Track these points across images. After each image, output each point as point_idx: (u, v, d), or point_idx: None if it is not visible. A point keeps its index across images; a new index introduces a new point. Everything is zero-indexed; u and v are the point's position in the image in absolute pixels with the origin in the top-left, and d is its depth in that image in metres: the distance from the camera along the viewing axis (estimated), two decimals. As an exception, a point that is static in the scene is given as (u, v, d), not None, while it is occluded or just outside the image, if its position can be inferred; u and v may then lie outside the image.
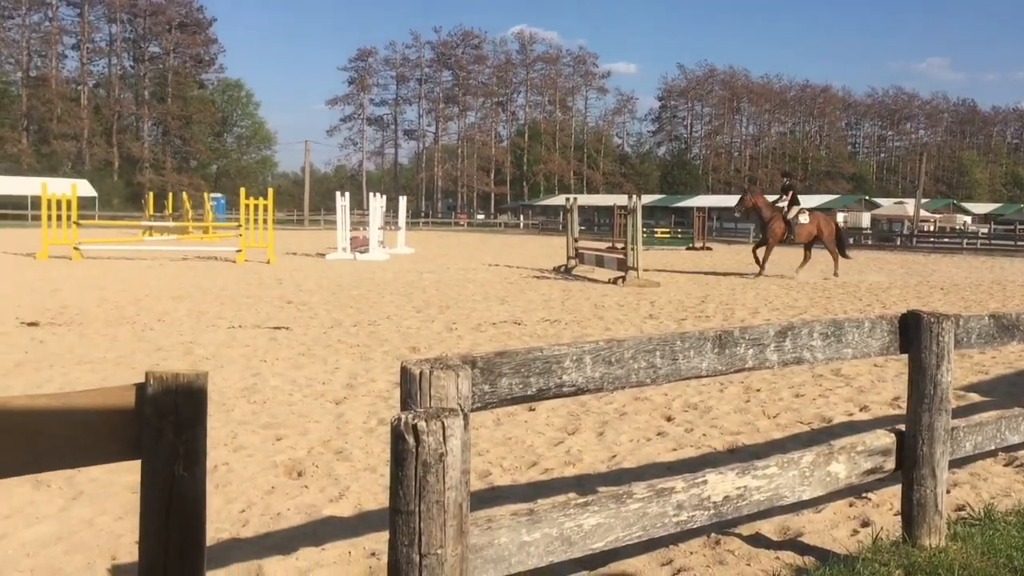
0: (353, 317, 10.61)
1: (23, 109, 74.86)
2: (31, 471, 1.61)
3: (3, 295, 12.19)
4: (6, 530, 3.46)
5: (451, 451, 1.54)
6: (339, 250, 24.39)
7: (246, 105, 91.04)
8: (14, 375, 6.58)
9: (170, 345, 8.22)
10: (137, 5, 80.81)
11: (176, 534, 1.58)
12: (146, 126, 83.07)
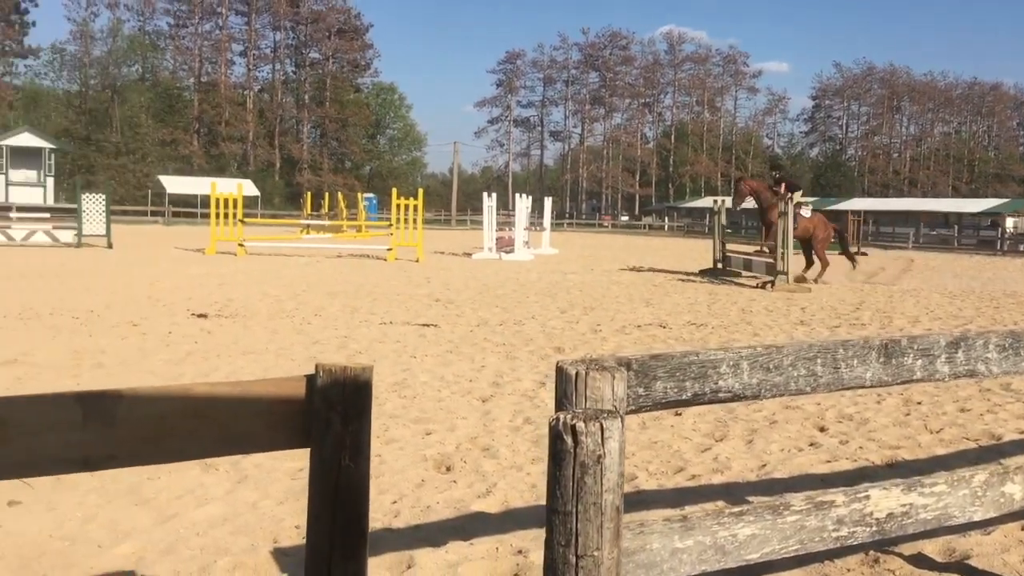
0: (499, 316, 10.74)
1: (195, 113, 79.57)
2: (211, 455, 1.71)
3: (176, 288, 13.01)
4: (178, 509, 3.69)
5: (609, 453, 1.54)
6: (485, 250, 24.76)
7: (399, 108, 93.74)
8: (186, 363, 7.01)
9: (326, 339, 8.55)
10: (299, 13, 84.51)
11: (341, 520, 1.65)
12: (305, 129, 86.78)
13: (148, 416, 1.60)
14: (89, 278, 14.23)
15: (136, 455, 1.61)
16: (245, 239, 22.83)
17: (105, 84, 74.83)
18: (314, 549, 1.65)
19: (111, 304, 10.69)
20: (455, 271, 18.75)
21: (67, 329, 8.59)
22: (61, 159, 52.75)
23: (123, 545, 3.28)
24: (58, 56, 76.53)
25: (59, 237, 23.76)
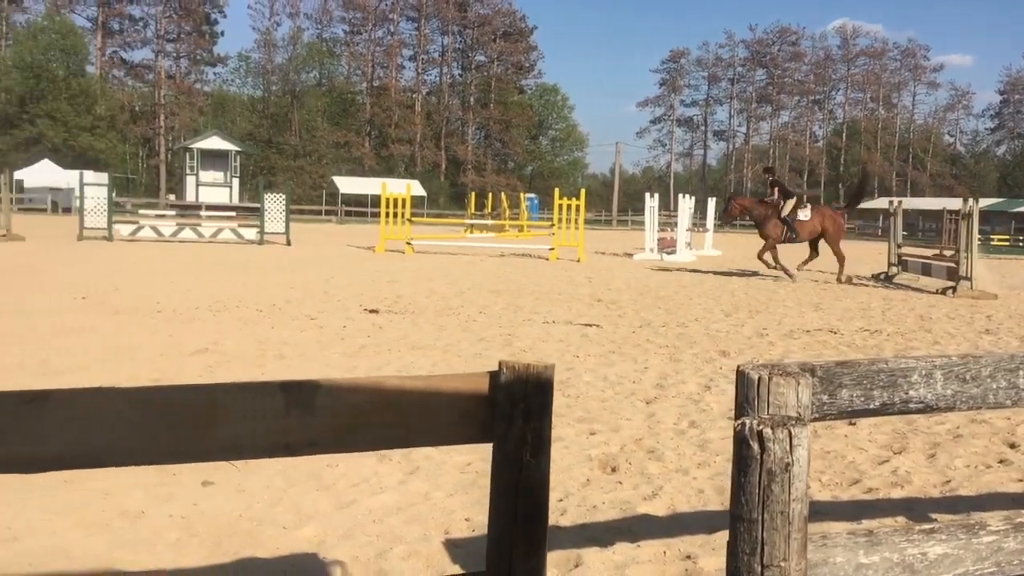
0: (661, 318, 10.63)
1: (367, 116, 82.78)
2: (401, 445, 1.78)
3: (349, 284, 13.58)
4: (356, 497, 3.86)
5: (797, 461, 1.50)
6: (646, 250, 24.54)
7: (561, 109, 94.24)
8: (359, 356, 7.31)
9: (491, 336, 8.71)
10: (467, 17, 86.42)
11: (522, 516, 1.68)
12: (470, 130, 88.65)
13: (344, 406, 1.68)
14: (271, 274, 15.07)
15: (333, 443, 1.69)
16: (412, 238, 23.56)
17: (285, 89, 78.97)
18: (495, 542, 1.69)
19: (290, 299, 11.27)
20: (616, 271, 18.68)
21: (252, 321, 9.13)
22: (245, 161, 56.06)
23: (306, 528, 3.46)
24: (244, 64, 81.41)
25: (243, 234, 25.26)
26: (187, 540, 3.31)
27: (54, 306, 9.62)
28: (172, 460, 1.63)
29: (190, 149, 45.65)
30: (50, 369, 6.28)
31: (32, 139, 62.79)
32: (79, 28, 71.71)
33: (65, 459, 1.55)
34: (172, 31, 78.66)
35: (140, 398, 1.59)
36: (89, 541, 3.27)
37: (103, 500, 3.70)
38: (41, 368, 6.31)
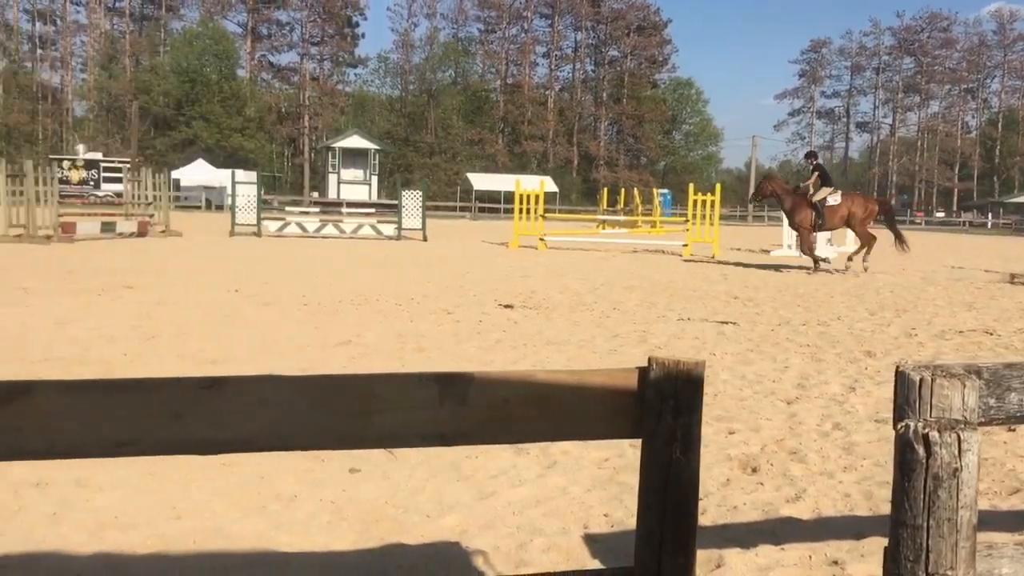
0: (801, 316, 10.33)
1: (500, 113, 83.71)
2: (550, 439, 1.80)
3: (484, 280, 13.78)
4: (495, 489, 3.92)
5: (966, 467, 1.44)
6: (784, 247, 23.86)
7: (695, 103, 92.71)
8: (495, 351, 7.41)
9: (625, 333, 8.67)
10: (600, 12, 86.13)
11: (671, 511, 1.68)
12: (602, 126, 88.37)
13: (496, 399, 1.71)
14: (408, 269, 15.45)
15: (485, 435, 1.73)
16: (545, 234, 23.68)
17: (422, 89, 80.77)
18: (644, 538, 1.69)
19: (427, 293, 11.53)
20: (753, 268, 18.25)
21: (391, 314, 9.39)
22: (384, 159, 57.69)
23: (448, 517, 3.55)
24: (383, 64, 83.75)
25: (382, 230, 25.99)
26: (337, 523, 3.45)
27: (210, 298, 10.16)
28: (335, 446, 1.71)
29: (332, 148, 47.32)
30: (207, 358, 6.64)
31: (188, 140, 66.47)
32: (231, 34, 75.40)
33: (239, 442, 1.64)
34: (316, 34, 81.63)
35: (307, 386, 1.67)
36: (247, 522, 3.45)
37: (258, 483, 3.89)
38: (199, 357, 6.68)
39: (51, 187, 19.40)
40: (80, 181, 48.90)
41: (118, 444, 1.61)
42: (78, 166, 50.30)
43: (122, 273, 12.73)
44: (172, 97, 68.77)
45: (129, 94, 68.66)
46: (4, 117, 66.15)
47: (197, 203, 51.89)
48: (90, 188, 48.52)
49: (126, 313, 8.79)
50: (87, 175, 50.07)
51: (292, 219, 26.35)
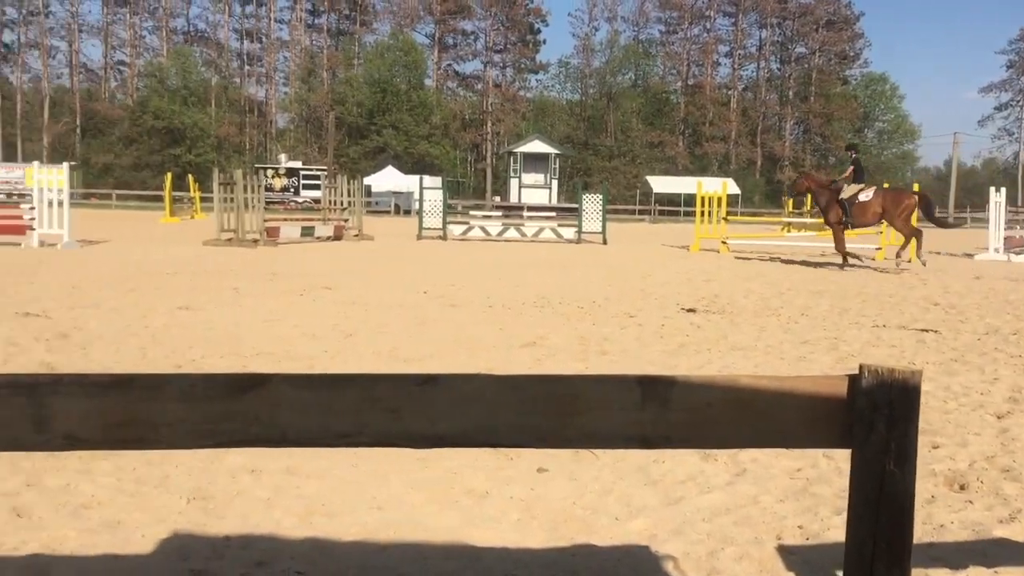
0: (1011, 324, 9.60)
1: (681, 115, 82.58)
2: (752, 446, 1.78)
3: (665, 283, 13.65)
4: (683, 494, 3.89)
5: None
6: (990, 250, 22.24)
7: (890, 99, 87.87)
8: (679, 355, 7.33)
9: (815, 339, 8.36)
10: (787, 8, 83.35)
11: (884, 525, 1.62)
12: (788, 125, 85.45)
13: (698, 403, 1.71)
14: (589, 271, 15.52)
15: (687, 438, 1.74)
16: (727, 237, 23.15)
17: (602, 92, 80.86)
18: (856, 550, 1.65)
19: (609, 296, 11.54)
20: (953, 273, 17.11)
21: (574, 317, 9.47)
22: (564, 163, 58.16)
23: (636, 521, 3.55)
24: (563, 69, 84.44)
25: (562, 234, 26.22)
26: (527, 521, 3.53)
27: (401, 299, 10.59)
28: (539, 444, 1.76)
29: (514, 153, 48.16)
30: (400, 356, 6.93)
31: (379, 148, 69.54)
32: (419, 45, 78.21)
33: (450, 437, 1.72)
34: (499, 42, 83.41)
35: (513, 384, 1.73)
36: (441, 515, 3.58)
37: (451, 479, 4.03)
38: (392, 355, 6.98)
39: (258, 194, 20.79)
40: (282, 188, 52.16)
41: (340, 435, 1.73)
42: (280, 174, 53.67)
43: (321, 275, 13.48)
44: (365, 107, 72.10)
45: (326, 105, 72.58)
46: (216, 129, 71.47)
47: (387, 208, 54.11)
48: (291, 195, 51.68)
49: (325, 312, 9.31)
50: (288, 182, 53.35)
51: (475, 223, 27.04)
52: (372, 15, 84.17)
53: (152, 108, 68.88)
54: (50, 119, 73.45)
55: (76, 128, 73.26)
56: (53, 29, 77.55)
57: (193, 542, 3.25)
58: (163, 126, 67.89)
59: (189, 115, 68.79)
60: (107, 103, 75.55)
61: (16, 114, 73.82)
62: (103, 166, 68.15)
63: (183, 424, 1.70)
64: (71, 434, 1.66)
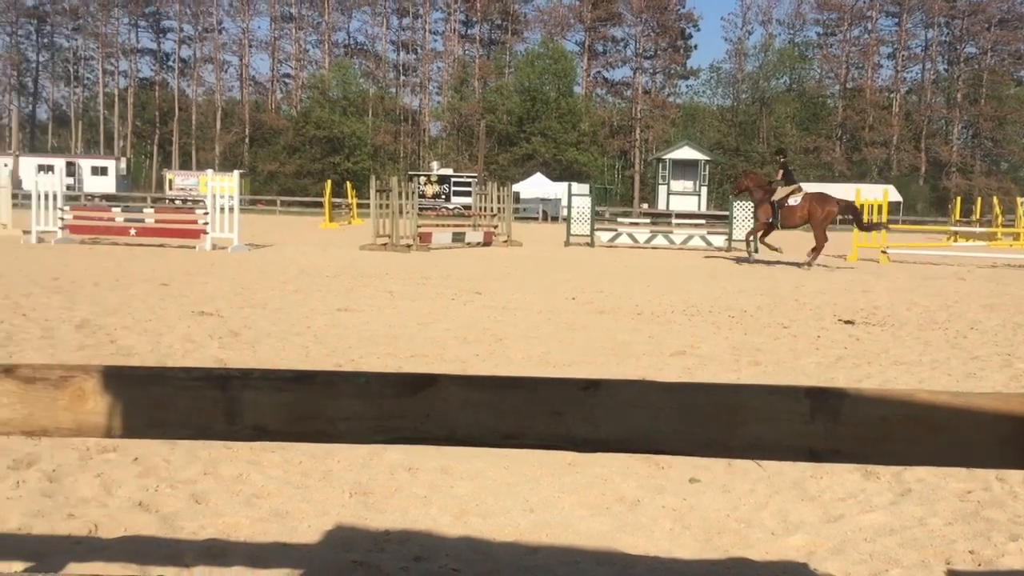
0: None
1: (838, 119, 79.59)
2: (931, 463, 1.71)
3: (819, 292, 13.18)
4: (843, 512, 3.75)
5: None
6: None
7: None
8: (836, 367, 7.08)
9: (985, 355, 7.89)
10: (955, 7, 79.04)
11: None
12: (956, 129, 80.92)
13: (870, 417, 1.66)
14: (740, 280, 15.17)
15: (858, 453, 1.68)
16: (888, 246, 22.14)
17: (755, 97, 78.96)
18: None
19: (761, 305, 11.26)
20: None
21: (724, 326, 9.29)
22: (713, 169, 57.10)
23: (794, 536, 3.46)
24: (714, 75, 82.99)
25: (712, 241, 25.75)
26: (680, 531, 3.49)
27: (550, 305, 10.68)
28: (701, 453, 1.74)
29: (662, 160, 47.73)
30: (550, 361, 6.99)
31: (527, 155, 70.30)
32: (569, 52, 78.59)
33: (612, 442, 1.73)
34: (650, 48, 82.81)
35: (675, 391, 1.73)
36: (592, 520, 3.60)
37: (602, 485, 4.04)
38: (543, 359, 7.05)
39: (411, 201, 21.42)
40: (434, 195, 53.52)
41: (505, 436, 1.77)
42: (432, 181, 55.08)
43: (471, 280, 13.76)
44: (514, 115, 73.02)
45: (477, 114, 74.00)
46: (372, 138, 74.06)
47: (535, 214, 54.63)
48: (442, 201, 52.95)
49: (476, 317, 9.50)
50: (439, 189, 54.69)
51: (623, 230, 26.91)
52: (523, 24, 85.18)
53: (314, 118, 72.06)
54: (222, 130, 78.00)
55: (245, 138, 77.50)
56: (225, 45, 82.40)
57: (355, 535, 3.39)
58: (324, 135, 70.89)
59: (348, 124, 71.55)
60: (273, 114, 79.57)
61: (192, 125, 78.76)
62: (268, 174, 71.82)
63: (359, 420, 1.78)
64: (259, 425, 1.77)
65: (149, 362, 6.38)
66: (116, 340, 7.35)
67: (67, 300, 9.79)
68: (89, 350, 6.86)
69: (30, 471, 3.96)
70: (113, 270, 13.53)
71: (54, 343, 7.13)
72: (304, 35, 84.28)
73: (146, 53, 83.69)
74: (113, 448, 4.24)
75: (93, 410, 1.80)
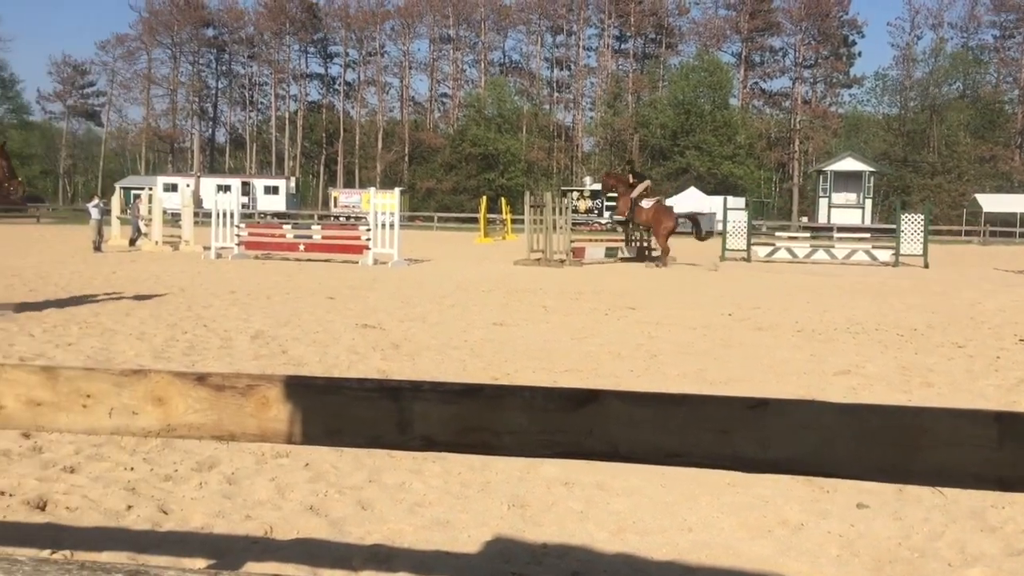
0: None
1: (1017, 127, 74.60)
2: None
3: (999, 311, 12.35)
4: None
5: None
6: None
7: None
8: (1018, 391, 6.61)
9: None
10: None
11: None
12: None
13: (1068, 445, 1.55)
14: (908, 297, 14.44)
15: (1053, 483, 1.58)
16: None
17: (924, 105, 75.12)
18: None
19: (932, 323, 10.67)
20: None
21: (892, 345, 8.86)
22: (879, 181, 54.64)
23: (972, 569, 3.26)
24: (880, 82, 79.48)
25: (877, 256, 24.63)
26: (848, 558, 3.35)
27: (705, 320, 10.49)
28: (878, 478, 1.68)
29: (823, 172, 46.05)
30: (706, 379, 6.87)
31: (681, 169, 69.43)
32: (725, 64, 77.19)
33: (781, 463, 1.69)
34: (810, 57, 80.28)
35: (849, 413, 1.67)
36: (754, 543, 3.51)
37: (763, 507, 3.93)
38: (699, 376, 6.94)
39: (565, 216, 21.54)
40: (586, 210, 53.59)
41: (669, 454, 1.76)
42: (585, 196, 55.18)
43: (625, 295, 13.69)
44: (668, 129, 72.28)
45: (630, 128, 73.75)
46: (526, 154, 74.99)
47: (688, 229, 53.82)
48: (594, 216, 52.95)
49: (630, 332, 9.44)
50: (592, 204, 54.72)
51: (781, 244, 26.13)
52: (677, 37, 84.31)
53: (470, 136, 73.69)
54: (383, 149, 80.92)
55: (404, 156, 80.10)
56: (387, 67, 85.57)
57: (513, 546, 3.44)
58: (479, 152, 72.36)
59: (503, 141, 72.76)
60: (431, 132, 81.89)
61: (355, 145, 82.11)
62: (426, 190, 73.92)
63: (524, 433, 1.81)
64: (428, 436, 1.83)
65: (317, 372, 6.68)
66: (287, 350, 7.74)
67: (243, 312, 10.39)
68: (263, 360, 7.25)
69: (211, 473, 4.22)
70: (284, 284, 14.26)
71: (232, 352, 7.58)
72: (461, 55, 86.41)
73: (314, 78, 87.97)
74: (286, 453, 4.47)
75: (276, 417, 1.91)
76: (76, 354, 7.27)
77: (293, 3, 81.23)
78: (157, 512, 3.69)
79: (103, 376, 1.97)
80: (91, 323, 9.11)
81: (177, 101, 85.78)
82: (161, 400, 1.94)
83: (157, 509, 3.73)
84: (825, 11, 77.21)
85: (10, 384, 2.00)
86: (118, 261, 19.21)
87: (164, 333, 8.53)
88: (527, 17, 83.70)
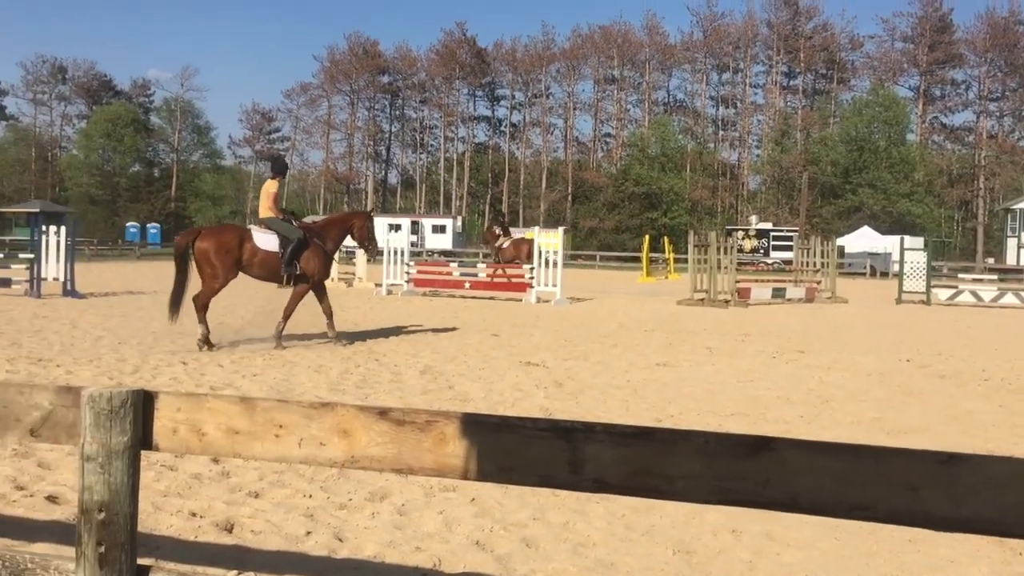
0: None
1: None
2: None
3: None
4: None
5: None
6: None
7: None
8: None
9: None
10: None
11: None
12: None
13: None
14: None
15: None
16: None
17: None
18: None
19: None
20: None
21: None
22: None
23: None
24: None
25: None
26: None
27: (881, 366, 9.99)
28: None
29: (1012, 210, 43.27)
30: (882, 428, 6.54)
31: (853, 207, 66.67)
32: (901, 99, 73.93)
33: (976, 523, 1.60)
34: (996, 90, 75.76)
35: (1053, 473, 1.57)
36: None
37: (948, 567, 3.71)
38: (874, 425, 6.61)
39: (730, 256, 21.11)
40: (752, 249, 52.33)
41: (853, 508, 1.70)
42: (750, 235, 53.93)
43: (793, 337, 13.24)
44: (840, 166, 69.68)
45: (799, 166, 71.54)
46: (690, 193, 74.10)
47: (861, 269, 51.54)
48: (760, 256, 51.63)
49: (799, 376, 9.12)
50: (758, 243, 53.40)
51: (965, 287, 24.57)
52: (850, 72, 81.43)
53: (633, 175, 73.53)
54: (547, 188, 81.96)
55: (568, 195, 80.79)
56: (552, 108, 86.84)
57: (679, 593, 3.37)
58: (642, 191, 72.06)
59: (666, 180, 72.19)
60: (594, 172, 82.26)
61: (520, 184, 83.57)
62: (589, 229, 74.15)
63: (696, 478, 1.80)
64: (600, 478, 1.85)
65: (483, 408, 6.81)
66: (454, 386, 7.93)
67: (412, 347, 10.73)
68: (431, 394, 7.46)
69: (383, 504, 4.37)
70: (450, 320, 14.63)
71: (401, 386, 7.84)
72: (625, 95, 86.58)
73: (481, 120, 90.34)
74: (453, 488, 4.57)
75: (452, 453, 1.98)
76: (261, 384, 7.71)
77: (463, 49, 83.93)
78: (333, 539, 3.86)
79: (294, 408, 2.10)
80: (274, 355, 9.65)
81: (354, 144, 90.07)
82: (346, 432, 2.05)
83: (333, 536, 3.89)
84: (1013, 41, 72.73)
85: (212, 413, 2.16)
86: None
87: (339, 366, 8.92)
88: (692, 56, 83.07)
